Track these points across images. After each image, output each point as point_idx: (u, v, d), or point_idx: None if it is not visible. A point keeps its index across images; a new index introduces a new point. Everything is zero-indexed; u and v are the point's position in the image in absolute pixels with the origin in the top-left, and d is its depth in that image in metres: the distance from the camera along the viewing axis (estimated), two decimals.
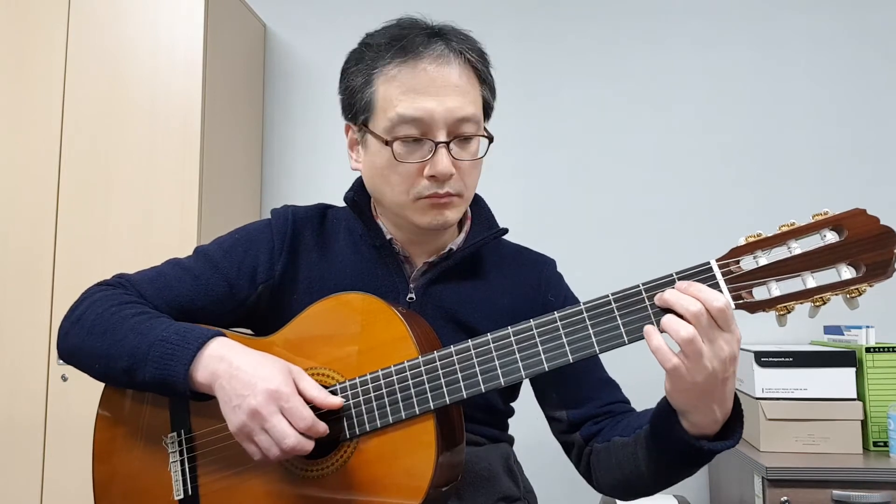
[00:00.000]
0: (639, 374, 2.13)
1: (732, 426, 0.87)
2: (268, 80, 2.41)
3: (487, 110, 1.04)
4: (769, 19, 2.25)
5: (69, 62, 1.96)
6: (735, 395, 0.86)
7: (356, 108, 1.01)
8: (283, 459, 0.87)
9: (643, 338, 0.82)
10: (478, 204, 1.14)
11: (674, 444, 0.86)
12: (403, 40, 0.97)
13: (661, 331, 0.80)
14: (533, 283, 1.10)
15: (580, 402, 1.06)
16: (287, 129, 2.39)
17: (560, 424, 1.08)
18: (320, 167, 2.36)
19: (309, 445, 0.84)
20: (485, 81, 1.02)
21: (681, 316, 0.79)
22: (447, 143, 0.95)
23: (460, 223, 1.11)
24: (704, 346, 0.78)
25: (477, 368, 0.86)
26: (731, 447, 0.86)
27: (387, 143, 0.96)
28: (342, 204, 1.10)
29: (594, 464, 1.02)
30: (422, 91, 0.95)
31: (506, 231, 1.10)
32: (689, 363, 0.78)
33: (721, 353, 0.78)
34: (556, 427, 1.09)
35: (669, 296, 0.80)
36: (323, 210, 1.12)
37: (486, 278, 1.08)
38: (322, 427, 0.85)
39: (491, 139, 1.01)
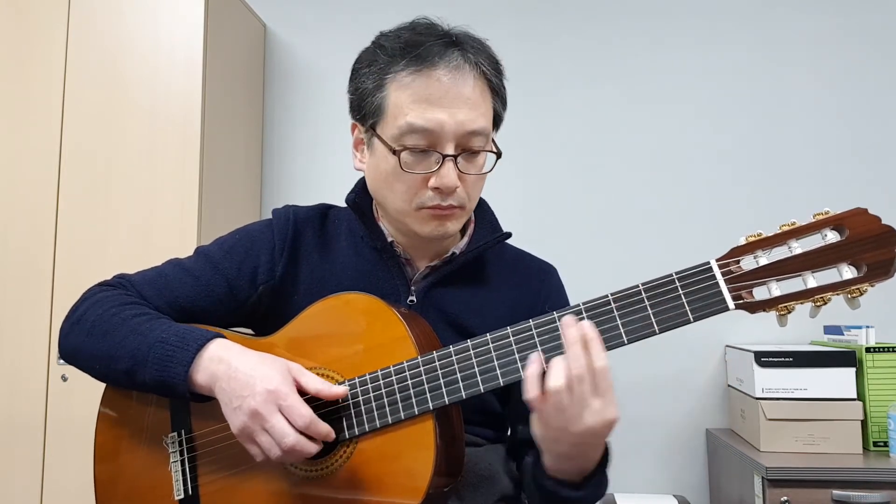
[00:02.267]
0: (640, 374, 2.13)
1: (597, 479, 0.90)
2: (268, 80, 2.40)
3: (497, 122, 1.03)
4: (769, 19, 2.24)
5: (69, 62, 1.96)
6: (606, 451, 0.89)
7: (365, 111, 1.00)
8: (286, 461, 0.86)
9: (643, 338, 0.82)
10: (481, 207, 1.13)
11: (534, 477, 0.91)
12: (420, 48, 0.94)
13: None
14: (533, 291, 1.10)
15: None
16: (287, 129, 2.38)
17: (512, 437, 1.10)
18: (320, 167, 2.35)
19: (311, 446, 0.84)
20: (497, 93, 1.01)
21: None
22: (455, 157, 0.95)
23: (463, 226, 1.10)
24: (567, 405, 0.79)
25: (476, 369, 0.86)
26: (578, 497, 0.89)
27: (394, 151, 0.95)
28: (343, 204, 1.09)
29: (522, 482, 1.04)
30: (434, 102, 0.93)
31: (509, 235, 1.10)
32: (548, 409, 0.81)
33: (583, 420, 0.79)
34: (507, 439, 1.11)
35: (570, 336, 0.80)
36: (324, 210, 1.11)
37: (487, 284, 1.08)
38: (323, 428, 0.85)
39: (499, 155, 1.01)
